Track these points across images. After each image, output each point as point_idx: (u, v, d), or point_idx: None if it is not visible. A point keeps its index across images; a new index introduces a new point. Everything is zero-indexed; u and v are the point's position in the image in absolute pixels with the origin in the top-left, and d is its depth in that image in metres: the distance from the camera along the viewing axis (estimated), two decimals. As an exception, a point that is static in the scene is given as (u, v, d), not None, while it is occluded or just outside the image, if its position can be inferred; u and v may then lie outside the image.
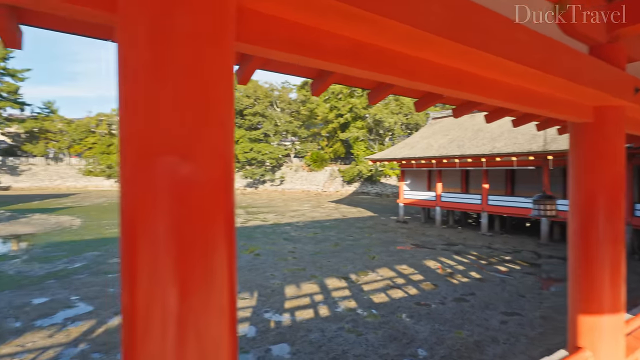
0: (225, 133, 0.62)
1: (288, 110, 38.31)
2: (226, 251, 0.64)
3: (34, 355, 4.18)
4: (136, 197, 0.58)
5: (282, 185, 38.10)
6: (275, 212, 20.23)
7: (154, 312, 0.58)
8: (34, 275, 7.63)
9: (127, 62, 0.55)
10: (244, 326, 5.00)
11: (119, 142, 0.60)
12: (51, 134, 38.90)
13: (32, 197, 28.23)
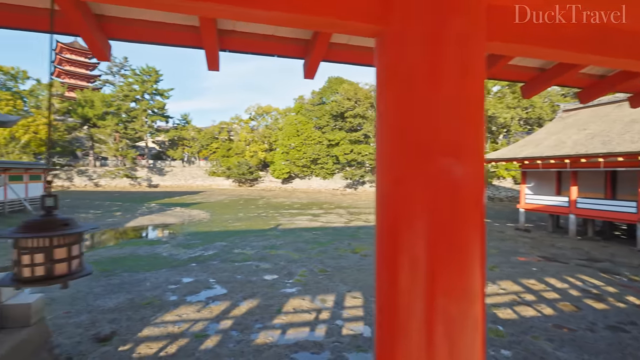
0: (481, 133, 0.60)
1: (388, 111, 37.69)
2: (479, 252, 0.62)
3: (188, 325, 5.01)
4: (403, 196, 0.60)
5: (381, 186, 37.70)
6: (376, 213, 20.12)
7: (414, 311, 0.59)
8: (180, 258, 9.20)
9: (398, 69, 0.57)
10: (358, 325, 5.08)
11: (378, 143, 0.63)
12: (186, 141, 46.56)
13: (173, 194, 34.27)
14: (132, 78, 44.66)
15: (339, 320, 5.23)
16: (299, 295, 6.32)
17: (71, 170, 42.15)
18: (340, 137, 37.58)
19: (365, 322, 5.18)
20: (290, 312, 5.55)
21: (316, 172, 40.91)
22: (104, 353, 4.17)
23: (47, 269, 0.97)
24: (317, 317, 5.38)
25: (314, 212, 20.62)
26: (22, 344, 3.42)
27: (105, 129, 41.37)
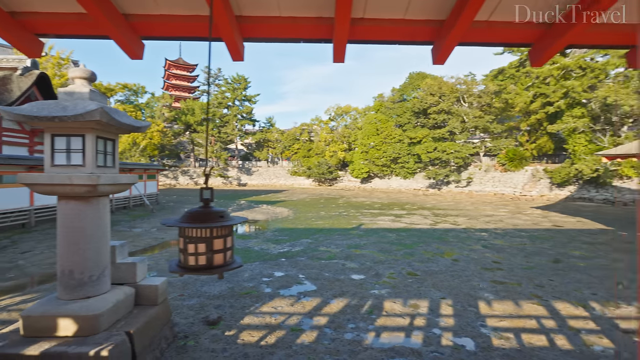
0: None
1: (477, 105, 34.64)
2: None
3: (283, 317, 5.21)
4: None
5: (468, 186, 34.86)
6: (465, 215, 18.63)
7: None
8: (270, 253, 9.71)
9: None
10: (459, 336, 4.66)
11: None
12: (271, 142, 49.59)
13: (259, 192, 36.79)
14: (225, 87, 49.30)
15: (436, 329, 4.88)
16: (390, 297, 6.10)
17: (176, 171, 48.38)
18: (422, 134, 35.83)
19: (467, 334, 4.73)
20: (382, 314, 5.37)
21: (396, 172, 39.72)
22: (213, 336, 4.56)
23: (208, 258, 1.00)
24: (411, 322, 5.10)
25: (396, 212, 19.99)
26: (152, 320, 3.91)
27: (203, 134, 46.46)
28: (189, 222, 1.01)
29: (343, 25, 1.33)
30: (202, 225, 0.99)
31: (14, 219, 12.78)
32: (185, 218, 1.03)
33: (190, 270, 1.00)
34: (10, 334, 3.34)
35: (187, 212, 1.05)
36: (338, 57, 1.57)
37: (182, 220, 1.03)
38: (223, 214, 1.07)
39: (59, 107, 3.24)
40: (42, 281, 7.18)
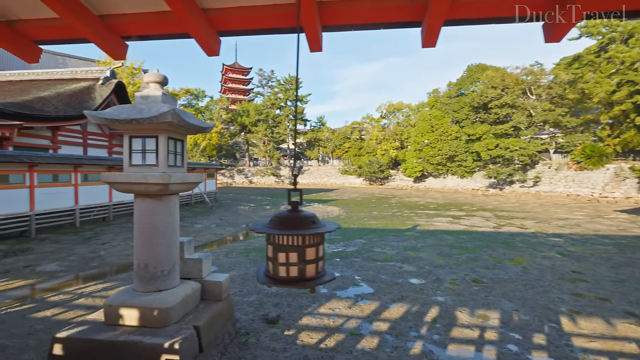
0: None
1: (547, 97, 31.49)
2: None
3: (342, 320, 5.08)
4: None
5: (536, 186, 31.90)
6: (533, 218, 17.00)
7: None
8: (326, 252, 9.67)
9: None
10: (541, 355, 4.15)
11: None
12: (321, 141, 49.96)
13: (310, 191, 37.22)
14: (278, 88, 50.68)
15: (511, 345, 4.40)
16: (455, 306, 5.67)
17: (232, 170, 50.87)
18: (482, 130, 33.49)
19: (551, 353, 4.19)
20: (447, 324, 5.00)
21: (452, 170, 37.67)
22: (273, 334, 4.58)
23: (300, 269, 0.89)
24: (481, 335, 4.67)
25: (454, 213, 18.90)
26: (217, 316, 4.01)
27: (257, 134, 48.28)
28: (280, 227, 0.91)
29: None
30: (295, 232, 0.88)
31: (97, 214, 14.29)
32: (275, 223, 0.93)
33: (280, 282, 0.90)
34: (94, 320, 3.63)
35: (276, 217, 0.95)
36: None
37: (272, 226, 0.93)
38: (314, 219, 0.95)
39: (135, 110, 3.43)
40: (119, 270, 7.87)
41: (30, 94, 14.68)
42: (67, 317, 5.12)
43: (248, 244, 10.61)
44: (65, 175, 12.89)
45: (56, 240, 10.81)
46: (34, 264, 8.22)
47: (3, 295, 6.18)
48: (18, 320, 5.00)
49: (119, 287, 6.55)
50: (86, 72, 17.67)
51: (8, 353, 4.06)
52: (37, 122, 13.14)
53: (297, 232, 0.88)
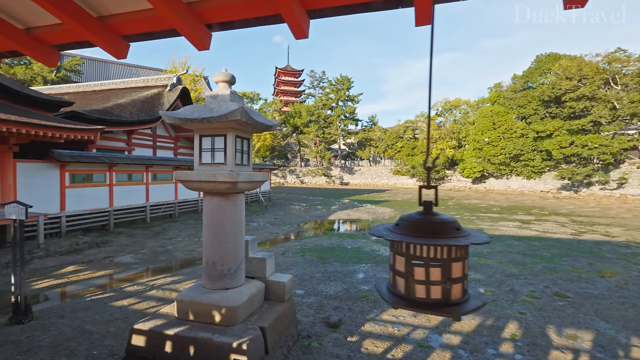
0: None
1: (636, 86, 27.56)
2: None
3: (407, 329, 4.74)
4: None
5: (621, 189, 28.12)
6: (621, 225, 14.89)
7: None
8: (382, 255, 9.30)
9: None
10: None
11: None
12: (373, 141, 49.10)
13: (361, 191, 36.72)
14: (329, 88, 50.85)
15: (615, 374, 3.74)
16: (536, 322, 5.03)
17: (285, 170, 52.10)
18: (554, 126, 30.30)
19: (670, 390, 3.47)
20: (530, 342, 4.42)
21: (517, 171, 34.65)
22: (335, 339, 4.41)
23: (445, 291, 0.67)
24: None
25: (522, 217, 17.28)
26: (281, 317, 3.94)
27: (308, 135, 48.89)
28: (416, 234, 0.70)
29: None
30: (441, 241, 0.67)
31: (164, 210, 15.39)
32: (407, 228, 0.73)
33: (419, 305, 0.69)
34: (167, 314, 3.74)
35: (407, 220, 0.75)
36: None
37: (404, 231, 0.73)
38: (457, 224, 0.74)
39: (206, 109, 3.46)
40: (183, 265, 8.29)
41: (110, 101, 16.28)
42: (141, 308, 5.44)
43: (303, 244, 10.62)
44: (138, 175, 14.05)
45: (130, 234, 11.79)
46: (112, 255, 8.99)
47: (88, 283, 6.80)
48: (100, 308, 5.42)
49: (185, 280, 6.87)
50: (156, 79, 19.17)
51: (93, 338, 4.38)
52: (116, 126, 14.51)
53: (444, 242, 0.67)
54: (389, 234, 0.74)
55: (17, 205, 4.90)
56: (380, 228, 0.78)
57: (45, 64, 1.85)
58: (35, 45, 1.76)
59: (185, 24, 1.44)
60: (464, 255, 0.70)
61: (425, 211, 0.77)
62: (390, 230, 0.75)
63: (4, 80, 10.29)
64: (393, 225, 0.76)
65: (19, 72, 29.04)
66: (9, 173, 9.42)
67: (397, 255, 0.72)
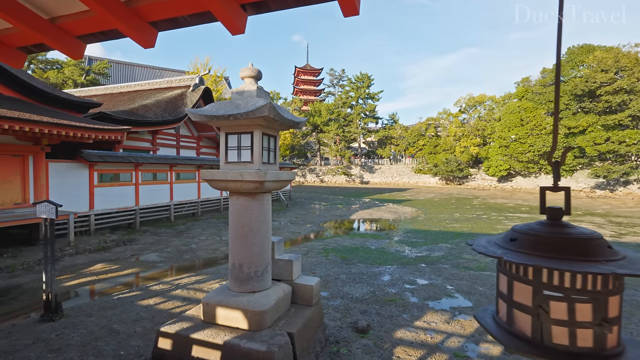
0: None
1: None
2: None
3: (441, 337, 4.48)
4: None
5: (661, 188, 26.37)
6: (665, 227, 13.88)
7: None
8: (407, 256, 9.00)
9: None
10: None
11: None
12: (394, 139, 48.34)
13: (382, 190, 36.19)
14: (349, 86, 50.42)
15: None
16: (583, 333, 4.64)
17: (304, 169, 52.11)
18: (587, 122, 28.76)
19: None
20: (578, 356, 4.06)
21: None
22: (364, 346, 4.20)
23: (598, 336, 0.46)
24: (631, 376, 3.67)
25: (554, 218, 16.41)
26: (309, 322, 3.78)
27: (328, 133, 48.66)
28: (547, 253, 0.50)
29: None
30: (592, 266, 0.47)
31: (187, 209, 15.60)
32: (531, 245, 0.53)
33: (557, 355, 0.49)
34: (193, 317, 3.65)
35: (528, 234, 0.55)
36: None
37: (526, 248, 0.53)
38: (606, 241, 0.54)
39: (232, 105, 3.33)
40: (207, 264, 8.29)
41: (136, 102, 16.66)
42: (166, 307, 5.42)
43: (326, 244, 10.45)
44: (162, 174, 14.29)
45: (155, 232, 11.99)
46: (138, 253, 9.12)
47: (115, 281, 6.89)
48: (127, 306, 5.44)
49: (209, 280, 6.84)
50: (179, 80, 19.48)
51: (120, 338, 4.37)
52: (141, 126, 14.81)
53: (603, 268, 0.47)
54: (507, 254, 0.55)
55: (47, 205, 4.97)
56: (484, 242, 0.59)
57: (71, 56, 1.77)
58: (61, 37, 1.67)
59: (220, 4, 1.29)
60: (621, 286, 0.50)
61: (554, 221, 0.57)
62: (502, 246, 0.56)
63: (37, 83, 10.65)
64: (503, 238, 0.57)
65: (52, 76, 30.33)
66: (42, 173, 9.73)
67: (515, 282, 0.53)
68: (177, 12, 1.48)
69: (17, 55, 1.89)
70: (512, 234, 0.58)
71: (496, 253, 0.56)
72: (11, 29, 1.69)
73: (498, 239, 0.61)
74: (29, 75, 10.63)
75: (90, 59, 38.98)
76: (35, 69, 30.85)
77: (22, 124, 8.02)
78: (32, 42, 1.78)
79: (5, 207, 9.07)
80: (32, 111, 8.94)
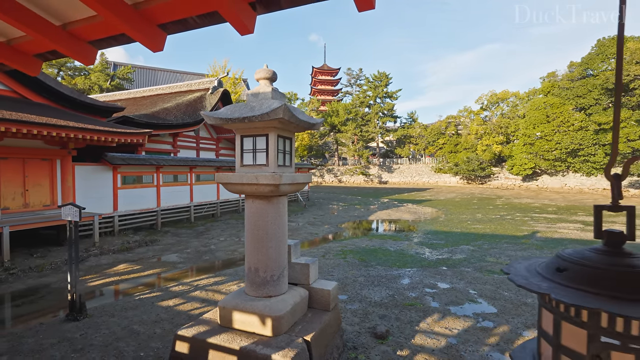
0: None
1: None
2: None
3: (464, 345, 4.29)
4: None
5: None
6: None
7: None
8: (427, 259, 8.77)
9: None
10: None
11: None
12: (413, 138, 47.55)
13: (401, 190, 35.66)
14: (367, 85, 50.00)
15: None
16: (619, 344, 4.34)
17: (322, 169, 52.07)
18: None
19: None
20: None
21: (575, 167, 31.75)
22: (384, 353, 4.08)
23: None
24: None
25: (583, 219, 15.68)
26: (326, 327, 3.69)
27: (346, 133, 48.42)
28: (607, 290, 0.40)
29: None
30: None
31: (207, 210, 15.85)
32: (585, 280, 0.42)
33: None
34: (210, 320, 3.64)
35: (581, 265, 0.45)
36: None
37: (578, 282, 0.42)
38: None
39: (247, 108, 3.30)
40: (225, 265, 8.35)
41: (157, 105, 17.07)
42: (185, 309, 5.47)
43: (343, 245, 10.34)
44: (183, 176, 14.57)
45: (176, 233, 12.22)
46: (160, 254, 9.31)
47: (137, 281, 7.04)
48: (147, 307, 5.53)
49: (227, 282, 6.87)
50: (199, 83, 19.85)
51: (140, 339, 4.43)
52: (162, 129, 15.17)
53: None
54: (555, 289, 0.44)
55: (72, 208, 5.11)
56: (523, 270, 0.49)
57: (83, 62, 1.77)
58: (73, 43, 1.66)
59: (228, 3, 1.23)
60: None
61: (613, 249, 0.47)
62: (548, 278, 0.46)
63: (64, 89, 11.07)
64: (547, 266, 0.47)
65: (79, 82, 31.60)
66: (69, 176, 10.10)
67: (564, 322, 0.43)
68: (184, 14, 1.44)
69: (33, 62, 1.91)
70: (560, 263, 0.48)
71: (541, 287, 0.46)
72: (25, 37, 1.71)
73: (541, 267, 0.51)
74: (57, 82, 11.05)
75: (115, 65, 40.38)
76: (65, 76, 32.22)
77: (50, 129, 8.33)
78: (46, 49, 1.79)
79: (35, 209, 9.46)
80: (60, 116, 9.28)
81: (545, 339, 0.48)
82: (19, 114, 7.95)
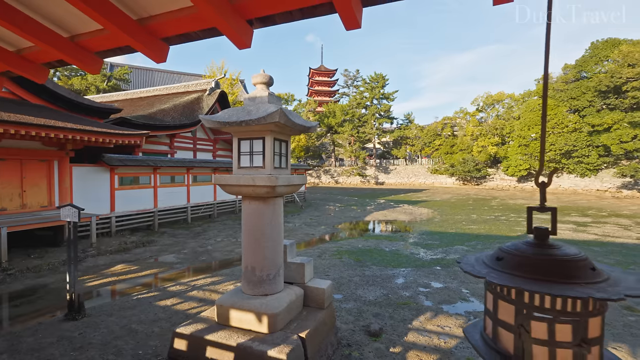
0: None
1: None
2: None
3: (454, 342, 4.42)
4: None
5: (694, 188, 25.10)
6: (697, 229, 13.20)
7: None
8: (422, 259, 8.90)
9: None
10: None
11: None
12: (409, 139, 47.85)
13: (397, 191, 35.86)
14: (363, 87, 50.24)
15: None
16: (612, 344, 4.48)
17: (319, 170, 52.21)
18: (613, 119, 27.68)
19: None
20: (600, 364, 3.93)
21: (569, 168, 32.11)
22: (377, 350, 4.19)
23: (577, 357, 0.47)
24: (656, 387, 3.53)
25: (576, 219, 15.91)
26: (320, 325, 3.80)
27: (343, 134, 48.61)
28: (530, 274, 0.51)
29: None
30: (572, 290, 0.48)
31: (204, 211, 15.90)
32: (516, 266, 0.54)
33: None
34: (207, 318, 3.74)
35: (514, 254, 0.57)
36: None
37: (511, 268, 0.54)
38: (590, 262, 0.54)
39: (244, 112, 3.40)
40: (222, 265, 8.43)
41: (154, 107, 17.13)
42: (183, 308, 5.56)
43: (339, 246, 10.45)
44: (180, 177, 14.63)
45: (173, 234, 12.28)
46: (157, 254, 9.37)
47: (134, 281, 7.11)
48: (145, 307, 5.61)
49: (224, 282, 6.96)
50: (196, 84, 19.91)
51: (138, 337, 4.51)
52: (159, 130, 15.23)
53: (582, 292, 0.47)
54: (491, 273, 0.56)
55: (71, 209, 5.19)
56: (472, 260, 0.60)
57: (89, 72, 1.86)
58: (80, 54, 1.76)
59: (225, 20, 1.34)
60: (603, 307, 0.50)
61: (539, 242, 0.58)
62: (489, 266, 0.57)
63: (62, 91, 11.12)
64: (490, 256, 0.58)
65: (76, 82, 31.52)
66: (66, 177, 10.14)
67: (500, 301, 0.54)
68: (186, 29, 1.54)
69: (40, 70, 2.01)
70: (499, 253, 0.59)
71: (481, 273, 0.57)
72: (34, 47, 1.80)
73: (487, 257, 0.62)
74: (55, 84, 11.09)
75: (112, 66, 40.30)
76: (61, 76, 32.14)
77: (48, 130, 8.38)
78: (54, 58, 1.89)
79: (33, 210, 9.50)
80: (58, 118, 9.33)
81: (488, 316, 0.58)
82: (18, 116, 8.01)
